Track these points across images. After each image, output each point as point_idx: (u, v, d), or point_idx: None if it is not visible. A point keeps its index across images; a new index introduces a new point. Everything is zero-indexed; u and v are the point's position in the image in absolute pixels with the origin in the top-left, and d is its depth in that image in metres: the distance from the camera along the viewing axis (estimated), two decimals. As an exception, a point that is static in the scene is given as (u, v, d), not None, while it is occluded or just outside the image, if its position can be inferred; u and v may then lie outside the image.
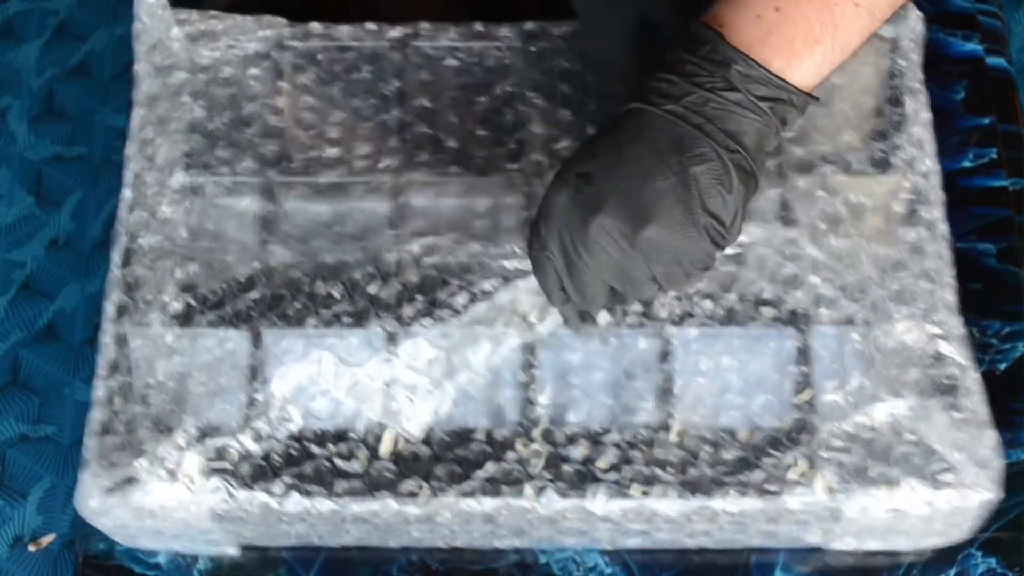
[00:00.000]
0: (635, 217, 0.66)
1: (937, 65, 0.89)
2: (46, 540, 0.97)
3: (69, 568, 0.95)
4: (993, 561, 0.81)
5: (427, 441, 0.76)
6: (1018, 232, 0.91)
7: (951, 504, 0.75)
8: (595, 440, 0.76)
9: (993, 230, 0.90)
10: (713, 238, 0.67)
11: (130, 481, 0.75)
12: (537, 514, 0.76)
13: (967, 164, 0.93)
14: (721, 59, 0.66)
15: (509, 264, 0.79)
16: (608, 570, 0.81)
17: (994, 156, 0.93)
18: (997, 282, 0.88)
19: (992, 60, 0.97)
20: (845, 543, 0.80)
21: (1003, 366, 0.86)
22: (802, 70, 0.67)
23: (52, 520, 0.98)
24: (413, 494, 0.75)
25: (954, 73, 0.96)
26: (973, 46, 0.97)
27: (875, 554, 0.81)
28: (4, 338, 1.06)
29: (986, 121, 0.94)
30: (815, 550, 0.81)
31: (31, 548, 0.97)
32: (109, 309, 0.79)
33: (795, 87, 0.67)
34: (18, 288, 1.08)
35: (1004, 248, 0.90)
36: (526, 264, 0.77)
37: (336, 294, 0.79)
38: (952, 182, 0.85)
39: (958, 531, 0.79)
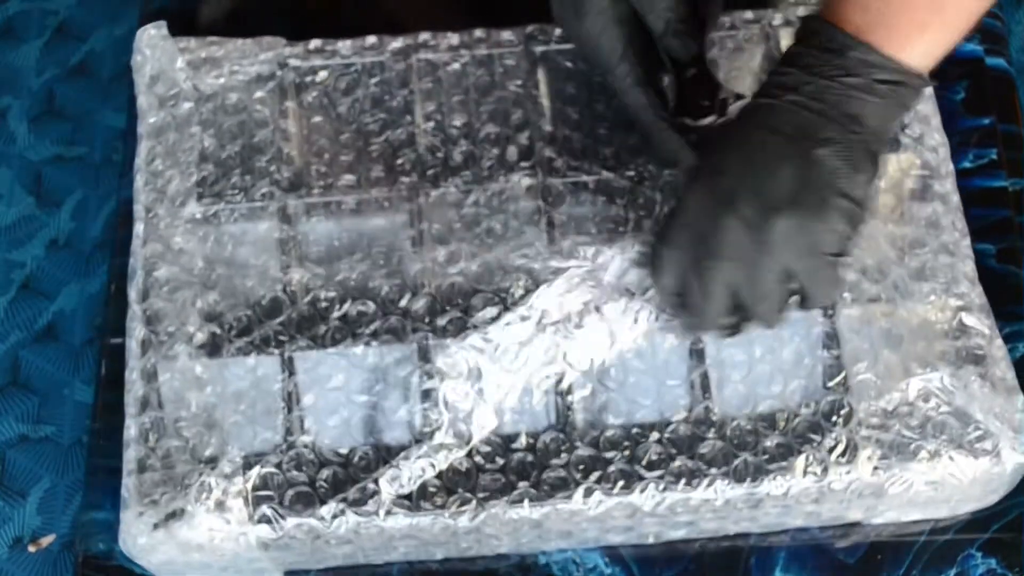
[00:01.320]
0: (768, 204, 0.66)
1: (937, 65, 0.89)
2: (46, 541, 0.97)
3: (69, 568, 0.95)
4: (993, 562, 0.81)
5: (469, 452, 0.76)
6: (1018, 232, 0.91)
7: (990, 471, 0.76)
8: (636, 438, 0.76)
9: (993, 230, 0.90)
10: (846, 216, 0.67)
11: (176, 515, 0.74)
12: (585, 516, 0.75)
13: (967, 165, 0.93)
14: (837, 47, 0.67)
15: (534, 267, 0.79)
16: (608, 570, 0.81)
17: (994, 156, 0.93)
18: (997, 282, 0.88)
19: (992, 60, 0.97)
20: (886, 517, 0.80)
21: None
22: (913, 53, 0.67)
23: (52, 520, 0.98)
24: (461, 508, 0.74)
25: (954, 73, 0.96)
26: (973, 46, 0.97)
27: (881, 549, 0.81)
28: (4, 338, 1.06)
29: (986, 121, 0.94)
30: (818, 547, 0.81)
31: (31, 548, 0.97)
32: (132, 346, 0.78)
33: (911, 69, 0.67)
34: (18, 288, 1.08)
35: (1004, 248, 0.90)
36: (551, 266, 0.77)
37: (365, 311, 0.78)
38: (952, 183, 0.85)
39: (994, 495, 0.80)
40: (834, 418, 0.76)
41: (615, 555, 0.81)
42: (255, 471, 0.75)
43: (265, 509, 0.74)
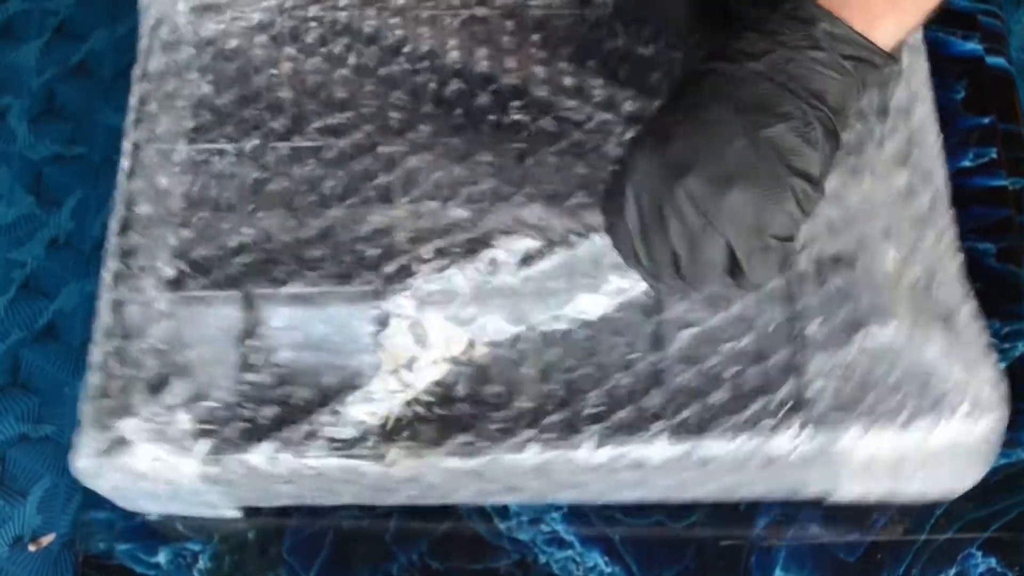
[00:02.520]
0: (719, 179, 0.64)
1: (937, 65, 0.89)
2: (46, 540, 0.97)
3: (69, 568, 0.95)
4: (993, 561, 0.81)
5: (411, 400, 0.76)
6: (1018, 232, 0.91)
7: (956, 432, 0.73)
8: (580, 389, 0.76)
9: (993, 230, 0.90)
10: (799, 199, 0.64)
11: (121, 442, 0.75)
12: (525, 467, 0.75)
13: (967, 164, 0.93)
14: (806, 17, 0.65)
15: (495, 224, 0.79)
16: (608, 569, 0.81)
17: (994, 156, 0.93)
18: (997, 282, 0.88)
19: (992, 60, 0.97)
20: (850, 490, 0.78)
21: (1003, 366, 0.86)
22: (883, 31, 0.65)
23: (52, 520, 0.98)
24: (398, 455, 0.75)
25: (954, 73, 0.96)
26: (973, 46, 0.97)
27: (881, 548, 0.81)
28: (4, 338, 1.06)
29: (986, 121, 0.94)
30: (818, 546, 0.81)
31: (31, 548, 0.97)
32: (106, 276, 0.80)
33: (878, 48, 0.66)
34: (18, 288, 1.08)
35: (1004, 248, 0.90)
36: (510, 222, 0.78)
37: (322, 255, 0.80)
38: (952, 182, 0.85)
39: (970, 471, 0.78)
40: (785, 373, 0.75)
41: (615, 554, 0.81)
42: (199, 405, 0.76)
43: (205, 443, 0.75)
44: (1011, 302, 0.88)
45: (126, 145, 0.85)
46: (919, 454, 0.74)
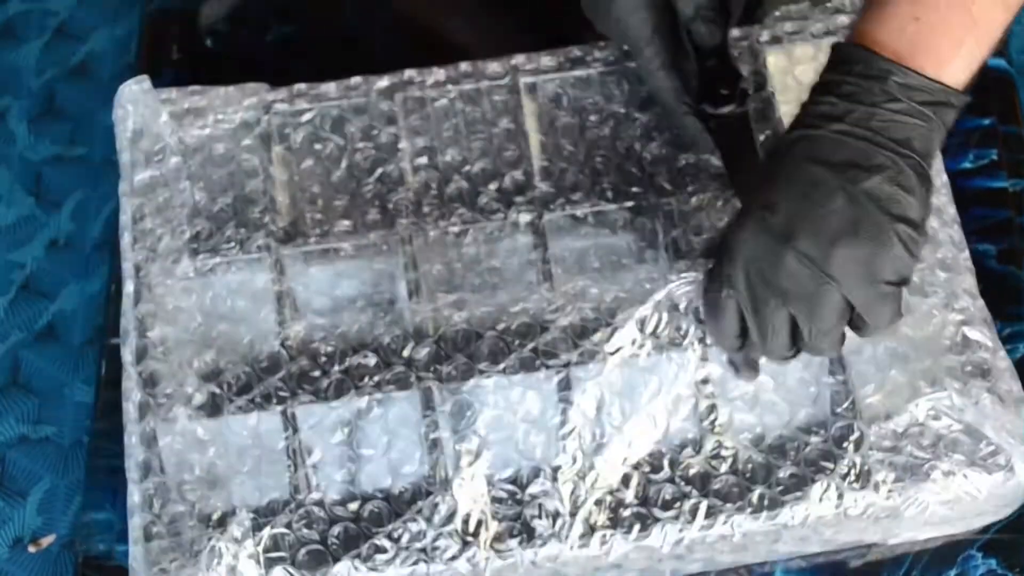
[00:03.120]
0: (826, 238, 0.66)
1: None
2: (46, 541, 0.97)
3: (69, 569, 0.95)
4: (993, 562, 0.81)
5: (479, 499, 0.75)
6: (1019, 233, 0.91)
7: (1004, 485, 0.75)
8: (648, 478, 0.75)
9: (994, 231, 0.90)
10: (905, 242, 0.66)
11: None
12: (604, 561, 0.75)
13: (967, 165, 0.93)
14: (877, 73, 0.67)
15: (536, 310, 0.78)
16: (608, 571, 0.81)
17: (995, 157, 0.93)
18: (997, 283, 0.88)
19: (992, 61, 0.97)
20: (903, 537, 0.80)
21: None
22: (952, 71, 0.68)
23: (52, 521, 0.98)
24: (476, 557, 0.73)
25: (954, 74, 0.96)
26: (973, 47, 0.97)
27: (881, 560, 0.81)
28: (4, 338, 1.06)
29: (986, 122, 0.94)
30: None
31: (31, 549, 0.97)
32: (130, 409, 0.77)
33: (952, 88, 0.68)
34: (18, 288, 1.08)
35: (1005, 249, 0.90)
36: (554, 306, 0.77)
37: (366, 363, 0.77)
38: (953, 183, 0.85)
39: (1008, 508, 0.79)
40: (845, 444, 0.75)
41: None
42: (265, 532, 0.73)
43: (278, 571, 0.73)
44: (1012, 303, 0.88)
45: (127, 267, 0.81)
46: (967, 504, 0.76)
